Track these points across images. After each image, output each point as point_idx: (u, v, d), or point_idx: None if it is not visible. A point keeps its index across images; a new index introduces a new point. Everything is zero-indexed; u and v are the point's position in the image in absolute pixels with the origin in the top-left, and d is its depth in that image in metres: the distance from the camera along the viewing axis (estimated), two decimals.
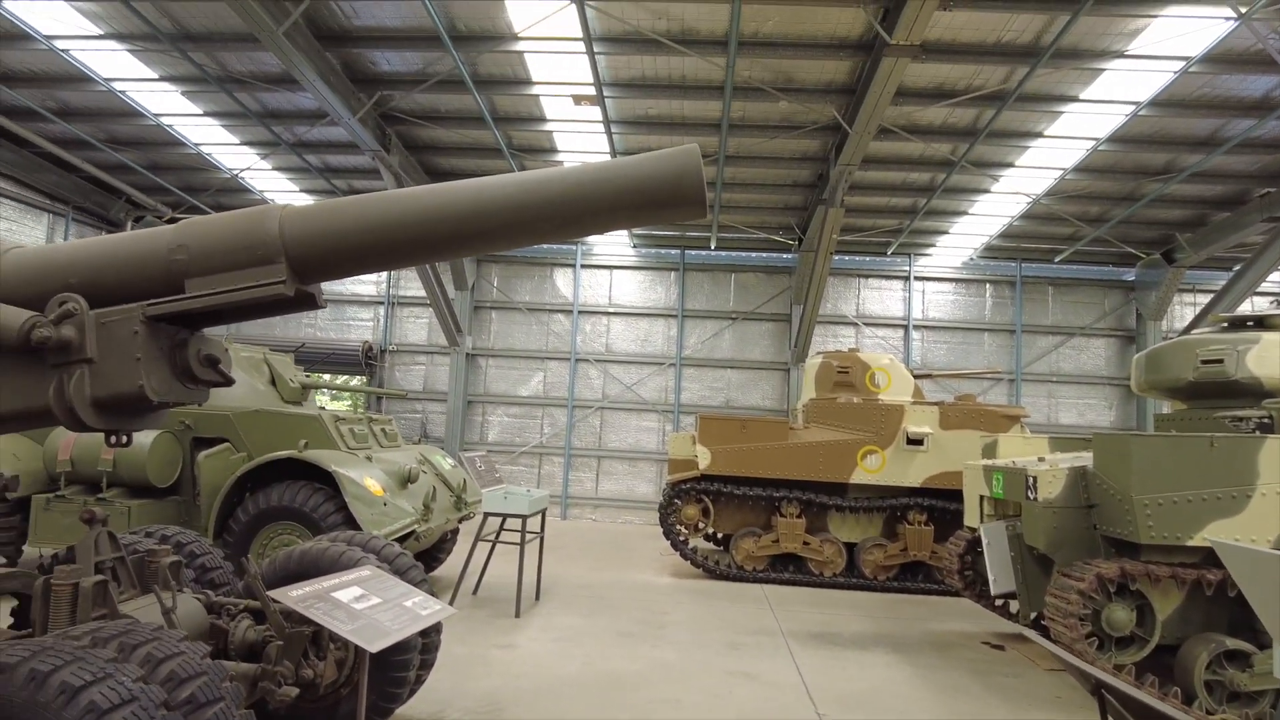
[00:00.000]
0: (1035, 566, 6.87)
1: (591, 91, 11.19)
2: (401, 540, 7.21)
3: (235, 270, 3.56)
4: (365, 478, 7.08)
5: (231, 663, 3.85)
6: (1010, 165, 12.99)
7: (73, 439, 7.44)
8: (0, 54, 11.30)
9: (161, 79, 11.82)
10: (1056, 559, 6.31)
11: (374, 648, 3.37)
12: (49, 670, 2.47)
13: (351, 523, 6.76)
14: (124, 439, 3.90)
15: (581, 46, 10.06)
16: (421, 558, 8.98)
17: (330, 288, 17.45)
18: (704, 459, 10.38)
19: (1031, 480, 6.57)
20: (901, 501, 10.34)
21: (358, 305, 17.53)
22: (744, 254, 17.09)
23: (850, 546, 10.59)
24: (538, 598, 8.65)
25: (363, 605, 3.68)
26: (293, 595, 3.55)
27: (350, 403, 18.49)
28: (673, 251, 17.11)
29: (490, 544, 8.54)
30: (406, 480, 7.69)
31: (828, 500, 10.34)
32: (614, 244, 17.23)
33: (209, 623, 4.06)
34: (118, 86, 12.05)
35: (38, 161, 14.90)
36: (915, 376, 11.68)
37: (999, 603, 8.09)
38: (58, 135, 13.93)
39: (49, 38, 10.77)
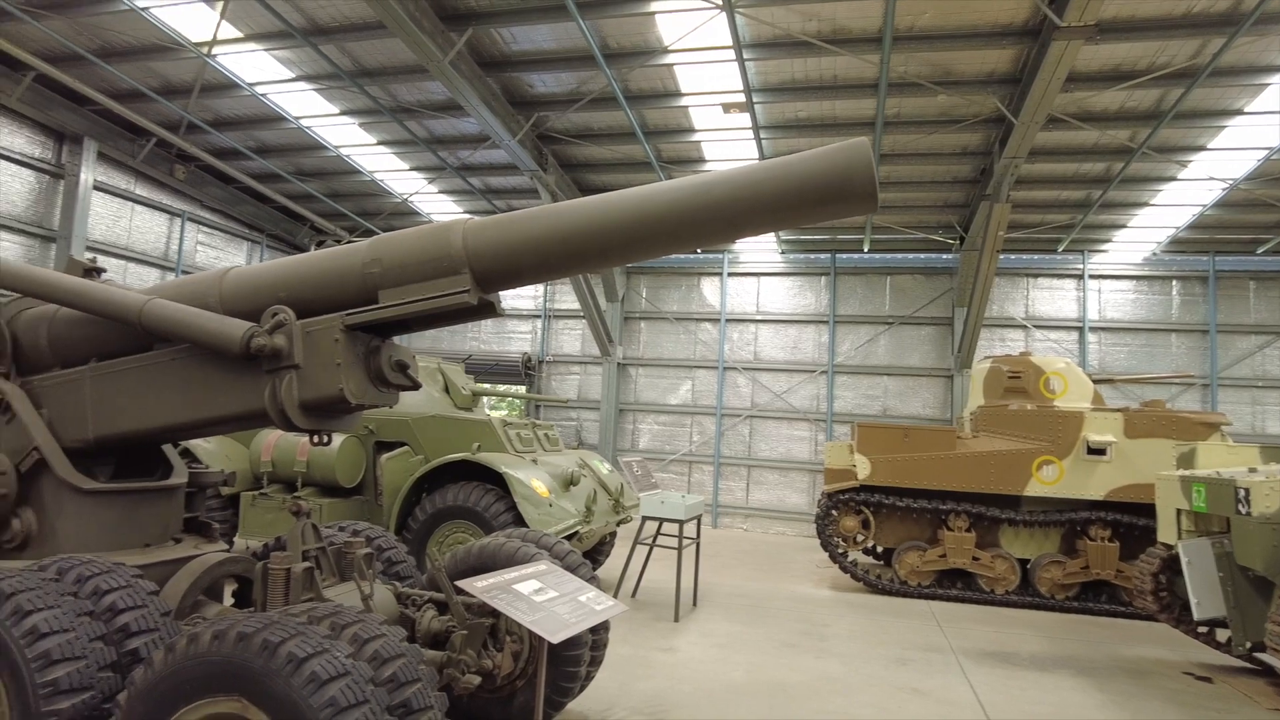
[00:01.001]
0: (1250, 589, 6.17)
1: (741, 99, 11.18)
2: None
3: (423, 281, 3.80)
4: (532, 479, 7.36)
5: (422, 649, 4.10)
6: (1201, 149, 11.81)
7: (273, 442, 8.21)
8: (214, 103, 12.73)
9: (342, 113, 12.88)
10: (1279, 582, 5.64)
11: (555, 639, 3.48)
12: (279, 641, 2.73)
13: (520, 522, 7.04)
14: (325, 438, 4.25)
15: (731, 54, 10.08)
16: None
17: None
18: (863, 469, 10.04)
19: (1243, 493, 5.92)
20: (1081, 515, 9.58)
21: (517, 319, 18.33)
22: (900, 255, 16.46)
23: (1024, 562, 9.93)
24: (695, 603, 8.66)
25: (541, 598, 3.82)
26: (478, 586, 3.73)
27: (507, 409, 19.28)
28: (823, 256, 16.73)
29: (648, 548, 8.65)
30: (569, 483, 7.93)
31: (999, 513, 9.73)
32: (761, 251, 17.07)
33: (399, 611, 4.36)
34: (305, 123, 13.25)
35: (239, 196, 16.64)
36: (1094, 381, 10.82)
37: (1203, 629, 7.32)
38: (255, 171, 15.49)
39: (252, 85, 12.01)
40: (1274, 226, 14.21)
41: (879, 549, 11.41)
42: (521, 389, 17.72)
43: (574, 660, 4.59)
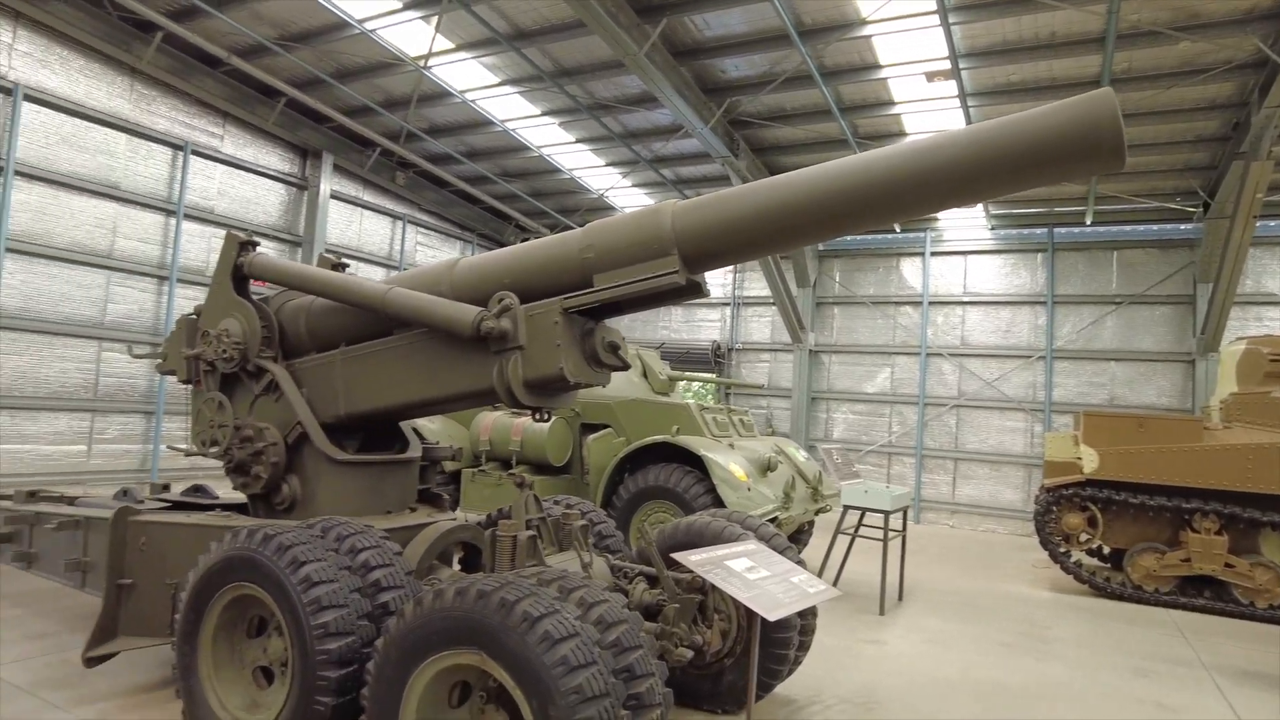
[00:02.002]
0: None
1: (946, 65, 10.53)
2: None
3: (634, 264, 3.91)
4: (730, 463, 7.39)
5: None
6: None
7: (490, 423, 8.79)
8: (429, 112, 13.83)
9: (543, 114, 13.53)
10: None
11: (772, 616, 3.46)
12: (514, 600, 2.91)
13: (719, 505, 7.09)
14: (545, 415, 4.48)
15: (935, 19, 9.50)
16: None
17: None
18: (1090, 462, 9.15)
19: None
20: None
21: (706, 307, 18.42)
22: (1129, 227, 14.77)
23: None
24: (900, 598, 8.31)
25: (754, 576, 3.81)
26: (693, 560, 3.79)
27: (694, 396, 19.42)
28: (1039, 231, 15.37)
29: (849, 538, 8.40)
30: (767, 468, 7.87)
31: (1259, 515, 8.51)
32: (968, 227, 15.96)
33: (613, 582, 4.51)
34: (510, 125, 14.04)
35: (452, 198, 17.98)
36: None
37: None
38: (466, 174, 16.65)
39: (462, 92, 12.90)
40: None
41: (1106, 550, 10.38)
42: (712, 377, 17.77)
43: (784, 642, 4.55)
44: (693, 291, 4.09)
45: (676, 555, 3.87)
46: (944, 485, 15.56)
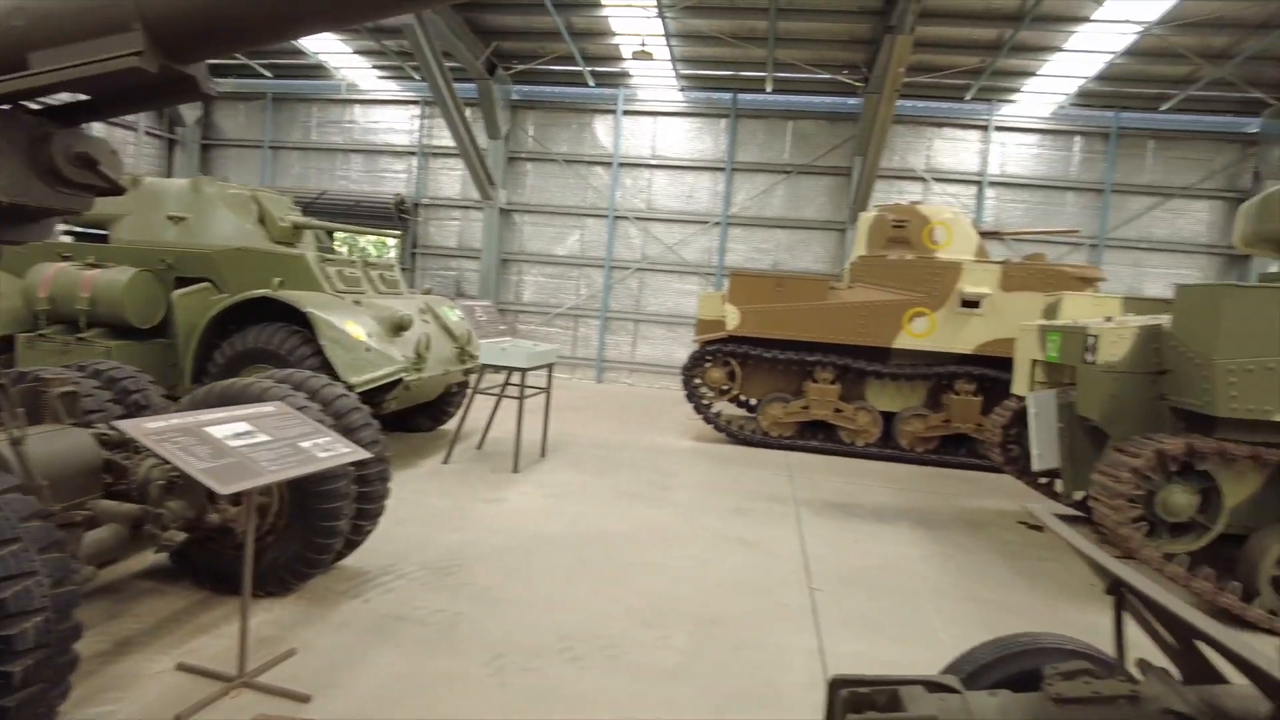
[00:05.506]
0: (1085, 440, 6.02)
1: None
2: (389, 389, 6.78)
3: (87, 40, 2.84)
4: (346, 321, 6.58)
5: (109, 502, 3.44)
6: None
7: (51, 276, 7.11)
8: None
9: None
10: (1111, 433, 5.45)
11: (225, 490, 2.84)
12: None
13: (329, 367, 6.31)
14: None
15: None
16: (427, 410, 8.63)
17: (361, 137, 16.75)
18: (732, 319, 9.60)
19: (1092, 341, 5.62)
20: (949, 369, 9.42)
21: (390, 155, 16.76)
22: (804, 98, 15.43)
23: (889, 416, 9.82)
24: (543, 454, 8.25)
25: (240, 442, 3.15)
26: (147, 426, 3.03)
27: (376, 252, 17.94)
28: (724, 96, 15.56)
29: (495, 398, 8.09)
30: (398, 327, 7.18)
31: (866, 367, 9.49)
32: (659, 86, 15.74)
33: (101, 458, 3.64)
34: None
35: None
36: (982, 234, 10.43)
37: (1043, 480, 7.33)
38: None
39: None
40: (1181, 81, 13.79)
41: (752, 402, 11.21)
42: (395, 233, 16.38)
43: (328, 514, 4.00)
44: (183, 88, 3.11)
45: (123, 424, 3.08)
46: (625, 345, 16.00)
